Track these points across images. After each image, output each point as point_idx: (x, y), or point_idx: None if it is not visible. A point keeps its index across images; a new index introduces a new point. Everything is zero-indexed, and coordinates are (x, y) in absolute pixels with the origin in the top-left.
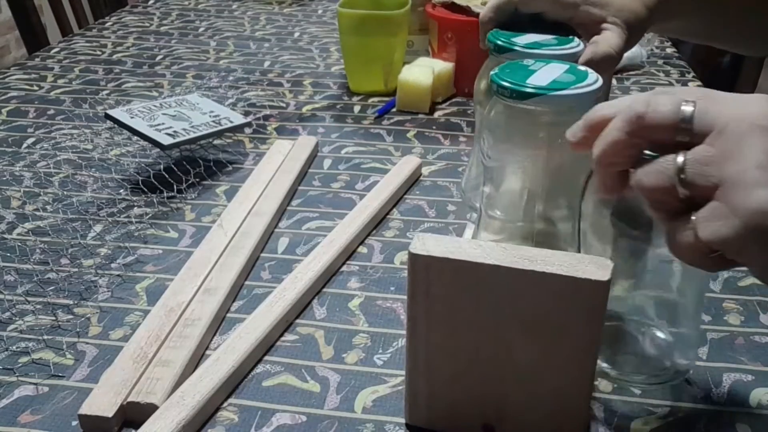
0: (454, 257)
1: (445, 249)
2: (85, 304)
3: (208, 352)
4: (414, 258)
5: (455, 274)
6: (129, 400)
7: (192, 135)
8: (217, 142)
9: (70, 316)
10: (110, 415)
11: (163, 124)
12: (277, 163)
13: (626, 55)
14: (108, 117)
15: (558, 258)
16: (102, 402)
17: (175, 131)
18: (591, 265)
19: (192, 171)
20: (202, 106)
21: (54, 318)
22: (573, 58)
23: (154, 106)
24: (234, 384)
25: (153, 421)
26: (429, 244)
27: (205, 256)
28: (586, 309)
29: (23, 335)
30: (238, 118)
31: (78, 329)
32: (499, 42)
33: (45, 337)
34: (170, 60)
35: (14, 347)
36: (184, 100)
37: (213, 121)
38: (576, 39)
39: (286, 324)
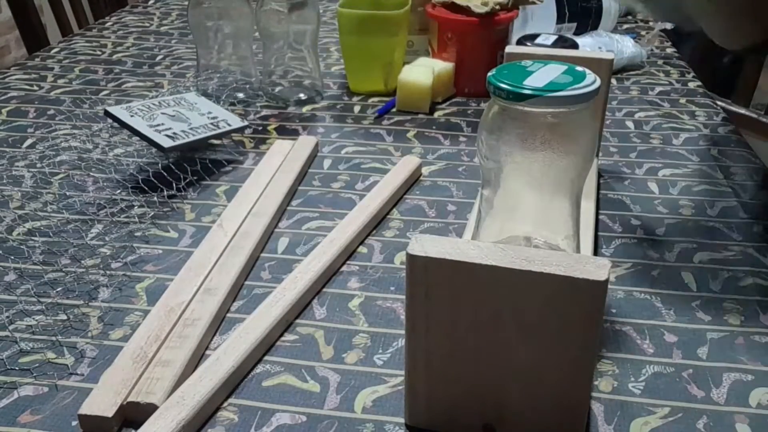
0: (452, 258)
1: (443, 250)
2: (85, 304)
3: (208, 352)
4: (412, 259)
5: (453, 275)
6: (129, 400)
7: (191, 138)
8: (216, 141)
9: (70, 316)
10: (110, 415)
11: (162, 124)
12: (277, 163)
13: (626, 54)
14: (107, 114)
15: (556, 258)
16: (102, 402)
17: (174, 133)
18: (589, 264)
19: (190, 169)
20: (200, 107)
21: (54, 318)
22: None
23: (153, 104)
24: (234, 384)
25: (153, 421)
26: (427, 245)
27: (205, 256)
28: (584, 309)
29: (23, 335)
30: (236, 121)
31: (78, 329)
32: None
33: (45, 337)
34: (170, 60)
35: (14, 347)
36: (182, 99)
37: (211, 123)
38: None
39: (286, 324)
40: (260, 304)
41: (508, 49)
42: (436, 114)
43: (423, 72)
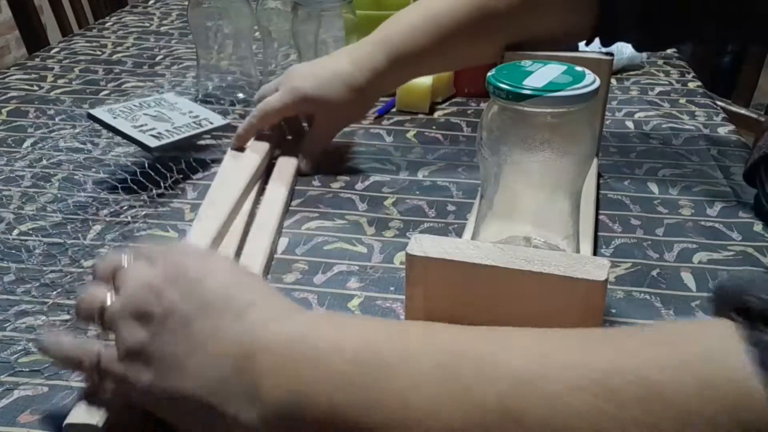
0: (451, 258)
1: (443, 250)
2: None
3: None
4: (411, 259)
5: (453, 275)
6: None
7: (177, 137)
8: (217, 141)
9: (70, 316)
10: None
11: (146, 125)
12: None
13: (626, 55)
14: (91, 117)
15: (555, 258)
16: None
17: (159, 133)
18: (588, 265)
19: (190, 169)
20: (180, 106)
21: (54, 318)
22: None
23: (134, 106)
24: None
25: None
26: (426, 246)
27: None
28: (584, 309)
29: (23, 335)
30: (217, 119)
31: (78, 329)
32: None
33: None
34: (170, 60)
35: (14, 347)
36: (162, 100)
37: (194, 122)
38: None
39: None
40: None
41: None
42: (436, 114)
43: None
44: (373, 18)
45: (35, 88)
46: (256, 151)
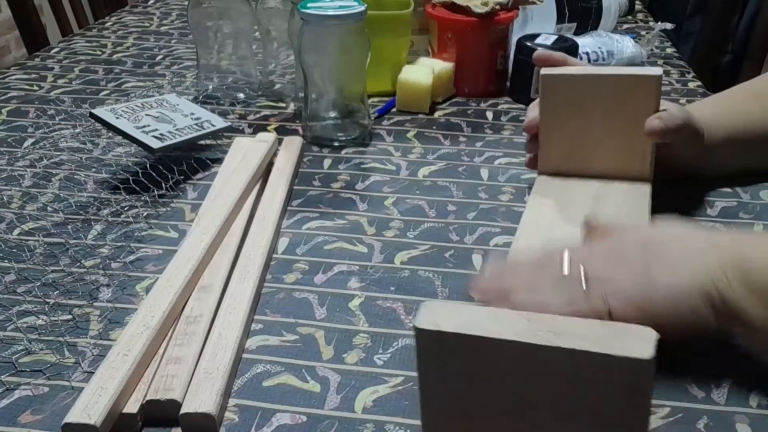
0: (467, 332)
1: (458, 322)
2: (88, 304)
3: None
4: (422, 334)
5: (471, 350)
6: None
7: (179, 138)
8: (217, 141)
9: (71, 316)
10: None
11: (148, 125)
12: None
13: (626, 55)
14: (93, 117)
15: (590, 329)
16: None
17: (161, 134)
18: (631, 337)
19: (190, 169)
20: (182, 108)
21: (55, 318)
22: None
23: (137, 106)
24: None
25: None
26: (439, 316)
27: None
28: (627, 389)
29: (23, 335)
30: (219, 121)
31: (79, 329)
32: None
33: (46, 337)
34: (170, 60)
35: (15, 347)
36: (164, 101)
37: (195, 124)
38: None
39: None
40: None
41: (544, 71)
42: (436, 114)
43: (423, 72)
44: (382, 18)
45: (35, 88)
46: (256, 152)
